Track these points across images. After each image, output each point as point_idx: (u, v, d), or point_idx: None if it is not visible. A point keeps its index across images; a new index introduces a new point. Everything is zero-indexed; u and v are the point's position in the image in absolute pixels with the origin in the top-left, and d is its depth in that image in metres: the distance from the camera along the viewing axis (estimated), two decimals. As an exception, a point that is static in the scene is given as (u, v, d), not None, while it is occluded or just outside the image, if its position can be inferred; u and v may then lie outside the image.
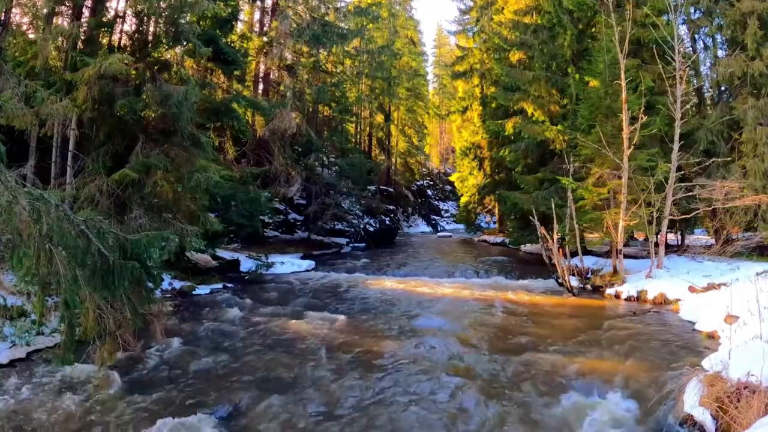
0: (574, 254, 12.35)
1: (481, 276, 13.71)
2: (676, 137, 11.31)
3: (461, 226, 30.79)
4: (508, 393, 5.38)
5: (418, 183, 38.25)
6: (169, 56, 11.26)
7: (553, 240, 11.68)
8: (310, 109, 21.45)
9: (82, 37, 10.02)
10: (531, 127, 16.20)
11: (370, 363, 6.35)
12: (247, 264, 13.63)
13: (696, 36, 15.27)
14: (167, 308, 8.51)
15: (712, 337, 7.02)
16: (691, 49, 14.96)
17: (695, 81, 14.40)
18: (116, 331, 5.62)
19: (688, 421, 4.30)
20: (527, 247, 18.77)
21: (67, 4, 9.94)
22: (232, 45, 16.04)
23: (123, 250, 5.20)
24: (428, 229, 34.29)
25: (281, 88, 20.54)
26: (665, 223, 11.44)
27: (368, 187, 24.84)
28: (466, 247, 23.43)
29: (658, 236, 11.55)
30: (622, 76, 11.05)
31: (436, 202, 40.22)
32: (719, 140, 13.40)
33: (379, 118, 30.70)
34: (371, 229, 23.02)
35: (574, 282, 11.32)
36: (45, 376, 5.55)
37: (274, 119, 16.89)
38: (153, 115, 9.79)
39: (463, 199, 28.01)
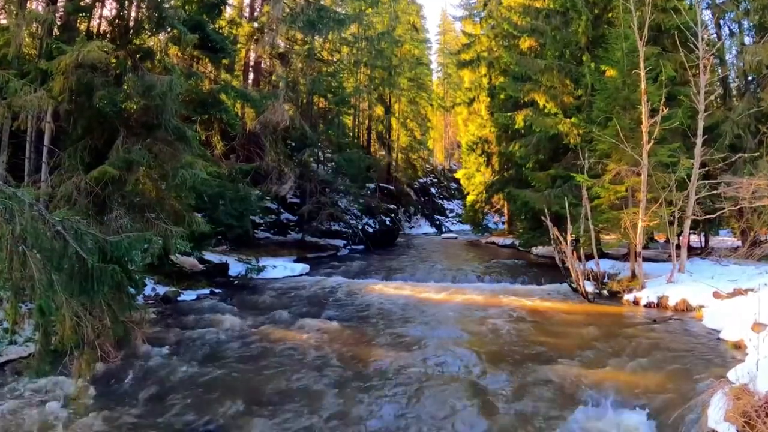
0: (589, 257, 12.35)
1: (488, 281, 13.71)
2: (700, 131, 11.30)
3: (467, 227, 30.80)
4: (518, 407, 5.38)
5: (421, 180, 38.28)
6: (152, 43, 11.23)
7: (566, 242, 11.68)
8: (305, 101, 21.45)
9: (59, 23, 10.00)
10: (543, 119, 16.19)
11: (368, 375, 6.34)
12: (236, 268, 13.63)
13: (721, 21, 15.26)
14: (150, 315, 8.54)
15: (738, 346, 7.01)
16: (715, 35, 14.97)
17: (720, 70, 14.36)
18: (95, 341, 5.63)
19: (713, 438, 4.30)
20: (539, 250, 18.78)
21: (42, -13, 9.95)
22: (221, 31, 16.04)
23: (102, 253, 5.21)
24: (432, 229, 34.33)
25: (273, 77, 20.54)
26: (688, 223, 11.43)
27: (367, 185, 24.84)
28: (473, 249, 23.44)
29: (680, 238, 11.54)
30: (641, 65, 11.04)
31: (440, 201, 40.25)
32: (746, 134, 13.39)
33: (379, 110, 30.71)
34: (370, 230, 23.04)
35: (590, 287, 11.32)
36: (17, 389, 5.54)
37: (266, 111, 16.88)
38: (135, 107, 9.76)
39: (470, 198, 28.01)
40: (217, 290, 11.76)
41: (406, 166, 35.02)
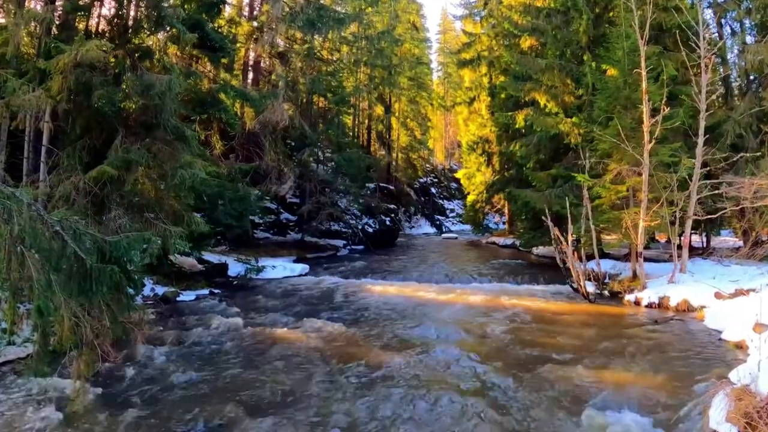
0: (590, 257, 12.36)
1: (489, 281, 13.71)
2: (701, 130, 11.30)
3: (468, 227, 30.82)
4: (519, 409, 5.38)
5: (421, 180, 38.27)
6: (151, 43, 11.25)
7: (567, 242, 11.68)
8: (304, 100, 21.46)
9: (57, 22, 10.01)
10: (543, 119, 16.20)
11: (368, 377, 6.34)
12: (235, 268, 13.63)
13: (722, 21, 15.27)
14: (149, 316, 8.53)
15: (740, 347, 7.03)
16: (717, 34, 14.97)
17: (722, 69, 14.37)
18: (94, 341, 5.61)
19: (714, 439, 4.31)
20: (539, 250, 18.79)
21: (40, -14, 9.96)
22: (220, 30, 16.04)
23: (101, 253, 5.20)
24: (432, 230, 34.35)
25: (273, 77, 20.55)
26: (689, 223, 11.44)
27: (367, 185, 24.85)
28: (474, 249, 23.45)
29: (682, 238, 11.55)
30: (643, 64, 11.04)
31: (440, 201, 40.25)
32: (748, 133, 13.40)
33: (379, 109, 30.71)
34: (370, 230, 23.05)
35: (591, 287, 11.33)
36: (16, 390, 5.55)
37: (265, 111, 16.89)
38: (134, 106, 9.77)
39: (470, 198, 28.02)
40: (216, 290, 11.76)
41: (406, 165, 35.02)
